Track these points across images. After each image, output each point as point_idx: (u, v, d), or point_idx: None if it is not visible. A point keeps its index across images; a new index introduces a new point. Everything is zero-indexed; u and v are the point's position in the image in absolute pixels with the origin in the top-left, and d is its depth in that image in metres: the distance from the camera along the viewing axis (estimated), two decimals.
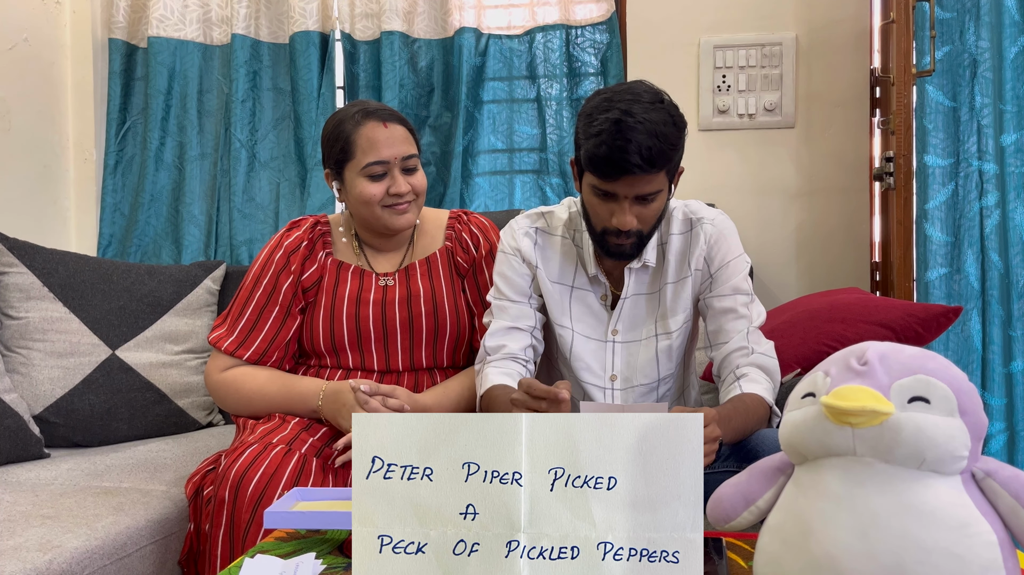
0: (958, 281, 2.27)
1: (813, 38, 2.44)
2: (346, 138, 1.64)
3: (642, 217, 1.45)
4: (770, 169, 2.47)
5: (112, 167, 2.66)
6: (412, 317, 1.71)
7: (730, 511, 0.90)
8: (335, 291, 1.71)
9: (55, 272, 2.11)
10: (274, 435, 1.54)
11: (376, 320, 1.70)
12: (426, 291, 1.73)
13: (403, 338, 1.71)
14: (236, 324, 1.71)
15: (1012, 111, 2.24)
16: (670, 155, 1.39)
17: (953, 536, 0.73)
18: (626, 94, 1.40)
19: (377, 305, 1.70)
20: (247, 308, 1.71)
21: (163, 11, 2.62)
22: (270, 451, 1.46)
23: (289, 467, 1.44)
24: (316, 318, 1.71)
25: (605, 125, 1.37)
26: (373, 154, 1.62)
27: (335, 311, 1.70)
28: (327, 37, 2.61)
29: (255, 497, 1.40)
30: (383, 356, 1.71)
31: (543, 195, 2.57)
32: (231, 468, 1.44)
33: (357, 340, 1.70)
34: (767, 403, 1.45)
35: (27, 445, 1.89)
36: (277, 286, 1.70)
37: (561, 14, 2.54)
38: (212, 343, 1.72)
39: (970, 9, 2.25)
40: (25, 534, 1.40)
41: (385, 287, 1.72)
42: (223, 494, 1.43)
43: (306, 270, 1.72)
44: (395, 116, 1.67)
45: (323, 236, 1.76)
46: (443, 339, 1.73)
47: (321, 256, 1.73)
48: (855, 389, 0.75)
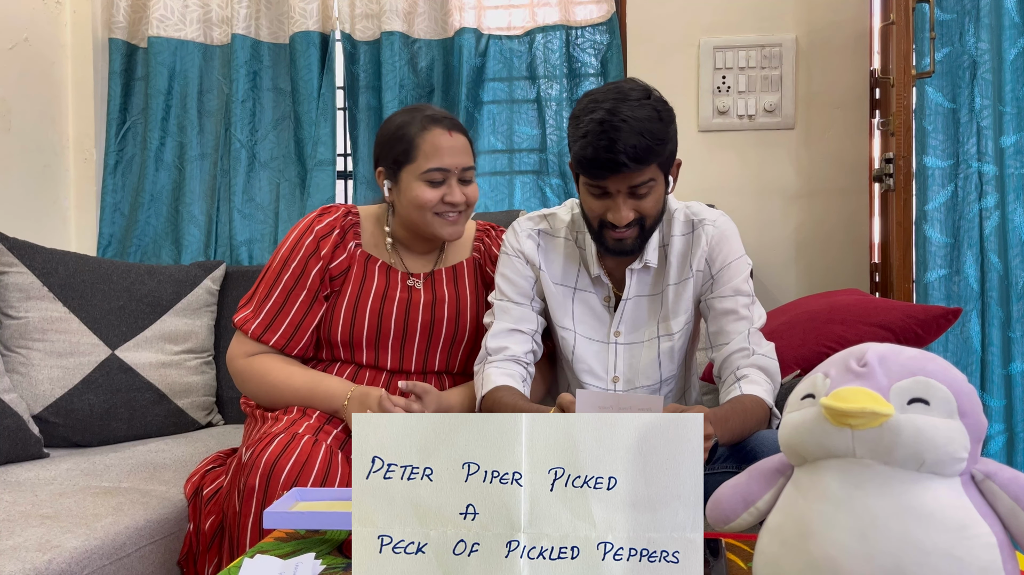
0: (957, 282, 2.27)
1: (813, 39, 2.44)
2: (410, 140, 1.63)
3: (639, 209, 1.45)
4: (770, 170, 2.47)
5: (112, 167, 2.66)
6: (434, 321, 1.70)
7: (729, 512, 0.90)
8: (362, 284, 1.69)
9: (55, 272, 2.11)
10: (299, 425, 1.53)
11: (399, 320, 1.69)
12: (451, 297, 1.73)
13: (421, 341, 1.71)
14: (262, 307, 1.67)
15: (1012, 113, 2.24)
16: (658, 150, 1.39)
17: (952, 538, 0.73)
18: (612, 93, 1.40)
19: (402, 304, 1.69)
20: (274, 291, 1.67)
21: (163, 11, 2.62)
22: (299, 440, 1.45)
23: (320, 456, 1.44)
24: (339, 308, 1.68)
25: (591, 126, 1.37)
26: (436, 160, 1.62)
27: (359, 304, 1.68)
28: (327, 37, 2.61)
29: (288, 485, 1.40)
30: (397, 356, 1.71)
31: (543, 196, 2.57)
32: (261, 455, 1.43)
33: (376, 337, 1.69)
34: (766, 404, 1.45)
35: (26, 445, 1.89)
36: (306, 271, 1.66)
37: (561, 15, 2.54)
38: (238, 325, 1.68)
39: (970, 11, 2.25)
40: (24, 534, 1.40)
41: (411, 288, 1.72)
42: (253, 482, 1.41)
43: (336, 258, 1.69)
44: (459, 126, 1.68)
45: (354, 227, 1.73)
46: (459, 346, 1.73)
47: (351, 246, 1.71)
48: (854, 391, 0.76)
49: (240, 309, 1.70)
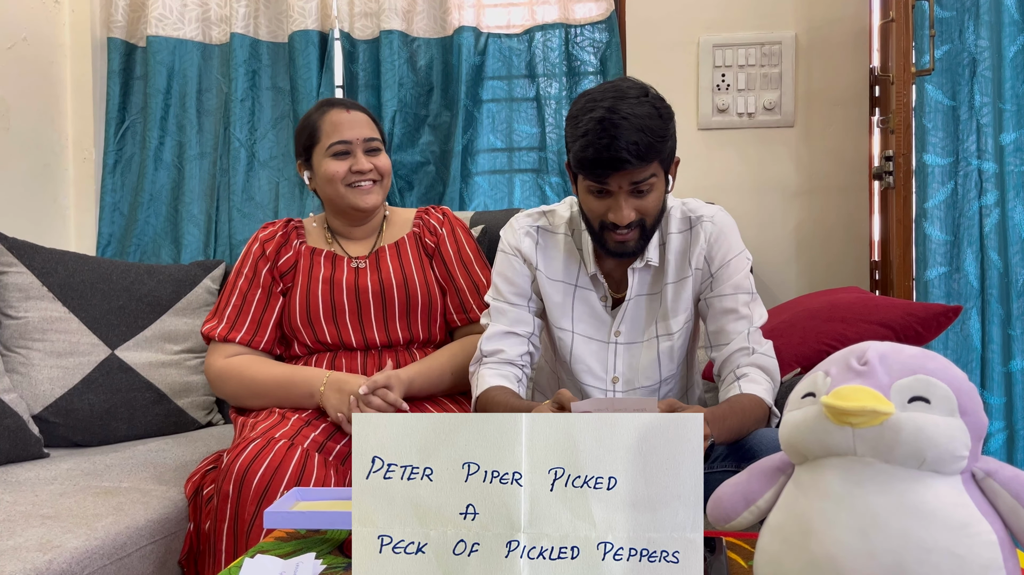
0: (957, 280, 2.27)
1: (812, 37, 2.44)
2: (312, 125, 1.80)
3: (641, 208, 1.44)
4: (769, 168, 2.47)
5: (111, 166, 2.66)
6: (384, 291, 1.79)
7: (730, 511, 0.90)
8: (310, 273, 1.81)
9: (54, 272, 2.11)
10: (276, 430, 1.54)
11: (350, 296, 1.79)
12: (396, 270, 1.82)
13: (376, 312, 1.79)
14: (224, 312, 1.80)
15: (1011, 110, 2.24)
16: (659, 147, 1.39)
17: (953, 536, 0.73)
18: (610, 92, 1.39)
19: (350, 283, 1.80)
20: (232, 296, 1.82)
21: (162, 10, 2.61)
22: (273, 446, 1.47)
23: (293, 462, 1.45)
24: (293, 298, 1.80)
25: (590, 125, 1.36)
26: (336, 135, 1.77)
27: (311, 290, 1.79)
28: (326, 36, 2.61)
29: (259, 492, 1.41)
30: (359, 330, 1.78)
31: (542, 194, 2.57)
32: (234, 463, 1.45)
33: (332, 314, 1.77)
34: (765, 403, 1.44)
35: (27, 445, 1.89)
36: (257, 271, 1.81)
37: (560, 13, 2.54)
38: (205, 334, 1.80)
39: (969, 8, 2.25)
40: (25, 534, 1.40)
41: (357, 269, 1.82)
42: (227, 489, 1.43)
43: (281, 256, 1.83)
44: (356, 105, 1.83)
45: (296, 229, 1.89)
46: (416, 312, 1.80)
47: (296, 244, 1.85)
48: (855, 389, 0.75)
49: (206, 322, 1.82)
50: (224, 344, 1.78)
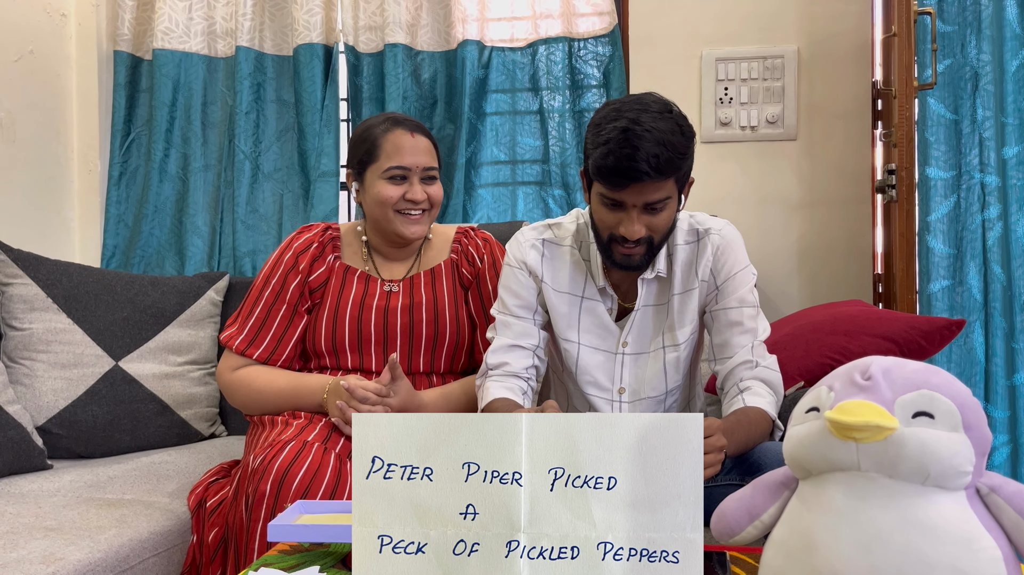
0: (960, 293, 2.27)
1: (815, 50, 2.45)
2: (373, 141, 1.72)
3: (652, 226, 1.45)
4: (772, 181, 2.47)
5: (116, 178, 2.67)
6: (413, 323, 1.75)
7: (734, 525, 0.89)
8: (340, 294, 1.76)
9: (59, 283, 2.11)
10: (308, 433, 1.55)
11: (378, 324, 1.74)
12: (428, 300, 1.76)
13: (403, 343, 1.75)
14: (246, 323, 1.76)
15: (1013, 124, 2.24)
16: (678, 163, 1.40)
17: (957, 551, 0.73)
18: (634, 104, 1.41)
19: (380, 310, 1.74)
20: (256, 307, 1.76)
21: (168, 23, 2.63)
22: (310, 449, 1.47)
23: (330, 466, 1.46)
24: (320, 319, 1.75)
25: (613, 134, 1.37)
26: (396, 159, 1.70)
27: (339, 313, 1.74)
28: (331, 49, 2.62)
29: (299, 494, 1.41)
30: (382, 359, 1.74)
31: (546, 207, 2.57)
32: (273, 462, 1.44)
33: (358, 342, 1.74)
34: (770, 417, 1.45)
35: (30, 456, 1.89)
36: (285, 285, 1.75)
37: (564, 27, 2.55)
38: (223, 342, 1.77)
39: (971, 22, 2.26)
40: (28, 546, 1.40)
41: (389, 293, 1.77)
42: (264, 488, 1.43)
43: (314, 271, 1.77)
44: (422, 129, 1.75)
45: (333, 240, 1.82)
46: (442, 346, 1.76)
47: (330, 259, 1.79)
48: (859, 404, 0.76)
49: (227, 327, 1.79)
50: (239, 356, 1.74)
